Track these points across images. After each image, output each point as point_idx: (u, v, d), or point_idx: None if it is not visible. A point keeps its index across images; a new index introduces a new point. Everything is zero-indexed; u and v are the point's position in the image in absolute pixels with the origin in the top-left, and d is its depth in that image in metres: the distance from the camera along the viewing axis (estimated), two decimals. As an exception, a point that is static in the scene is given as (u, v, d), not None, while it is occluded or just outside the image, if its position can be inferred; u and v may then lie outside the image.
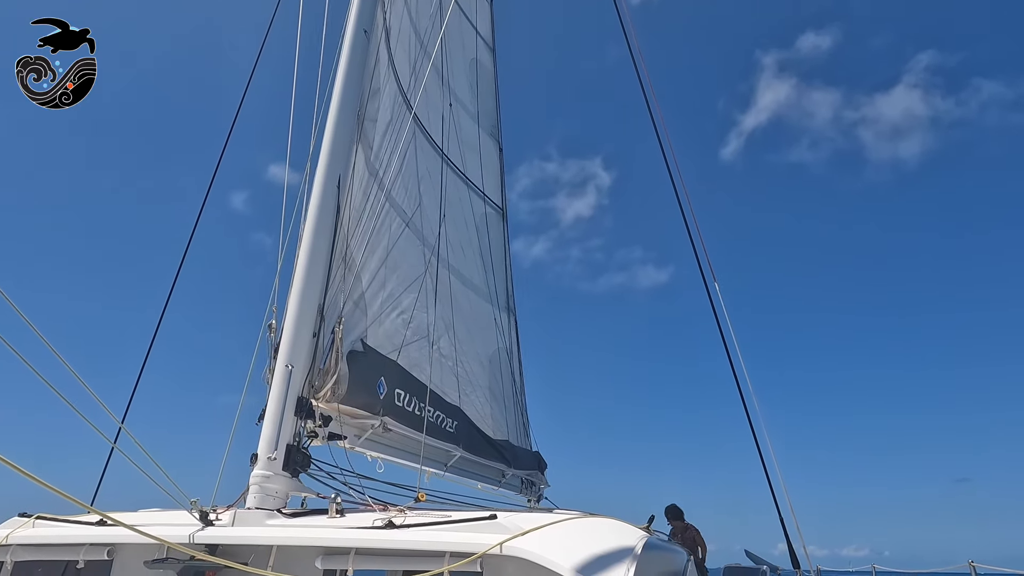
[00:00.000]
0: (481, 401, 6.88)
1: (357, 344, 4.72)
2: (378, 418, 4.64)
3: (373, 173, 5.29)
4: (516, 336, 8.28)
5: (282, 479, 3.82)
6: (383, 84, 5.58)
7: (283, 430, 3.89)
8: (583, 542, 2.96)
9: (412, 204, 5.98)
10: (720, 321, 4.81)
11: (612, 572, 2.69)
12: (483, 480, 6.69)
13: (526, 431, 8.02)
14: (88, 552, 3.46)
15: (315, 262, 4.38)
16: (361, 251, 4.97)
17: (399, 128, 5.73)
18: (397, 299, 5.45)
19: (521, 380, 8.14)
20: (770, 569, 7.88)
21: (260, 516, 3.55)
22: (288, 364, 4.04)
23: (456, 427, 5.89)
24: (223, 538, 3.29)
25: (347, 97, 4.98)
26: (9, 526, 3.66)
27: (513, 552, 2.78)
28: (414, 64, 6.26)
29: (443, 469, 5.78)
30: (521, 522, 3.05)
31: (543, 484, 7.95)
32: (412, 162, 6.07)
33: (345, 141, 4.87)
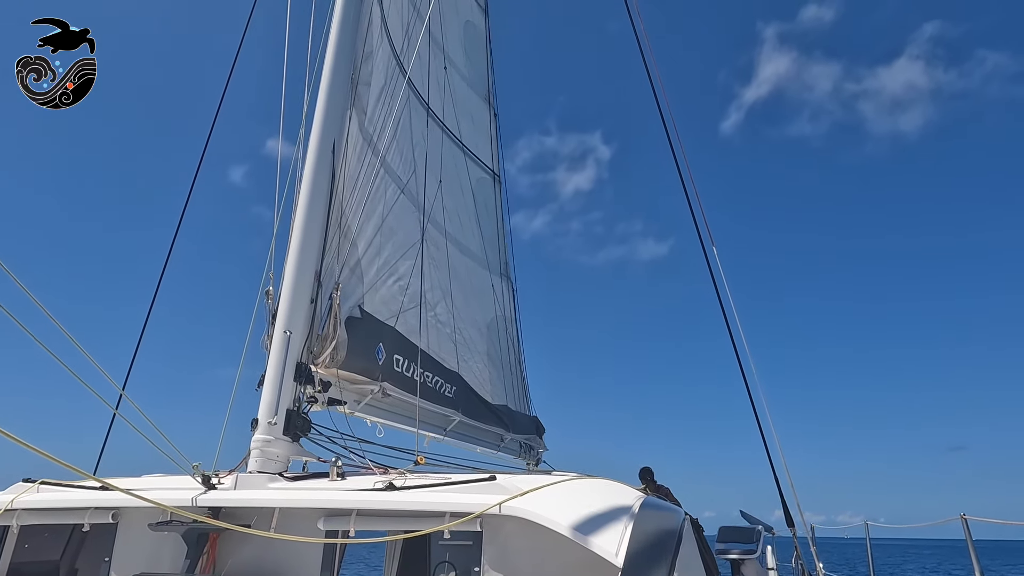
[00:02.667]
0: (479, 367, 6.91)
1: (355, 310, 4.72)
2: (377, 383, 4.67)
3: (367, 138, 5.22)
4: (514, 302, 8.29)
5: (283, 443, 3.86)
6: (376, 47, 5.48)
7: (283, 395, 3.91)
8: (581, 502, 3.00)
9: (407, 170, 5.93)
10: (717, 284, 4.82)
11: (610, 530, 2.74)
12: (482, 444, 6.77)
13: (525, 396, 8.09)
14: (93, 515, 3.50)
15: (311, 228, 4.35)
16: (357, 217, 4.94)
17: (393, 92, 5.64)
18: (393, 266, 5.43)
19: (519, 346, 8.17)
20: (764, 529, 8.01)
21: (262, 480, 3.58)
22: (286, 330, 4.05)
23: (455, 392, 5.93)
24: (226, 501, 3.33)
25: (340, 60, 4.89)
26: (14, 491, 3.70)
27: (512, 512, 2.82)
28: (407, 26, 6.14)
29: (442, 433, 5.84)
30: (520, 483, 3.09)
31: (541, 448, 8.04)
32: (407, 127, 6.00)
33: (339, 106, 4.80)
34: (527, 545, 2.89)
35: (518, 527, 2.86)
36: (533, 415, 8.05)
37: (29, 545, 3.72)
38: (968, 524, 5.53)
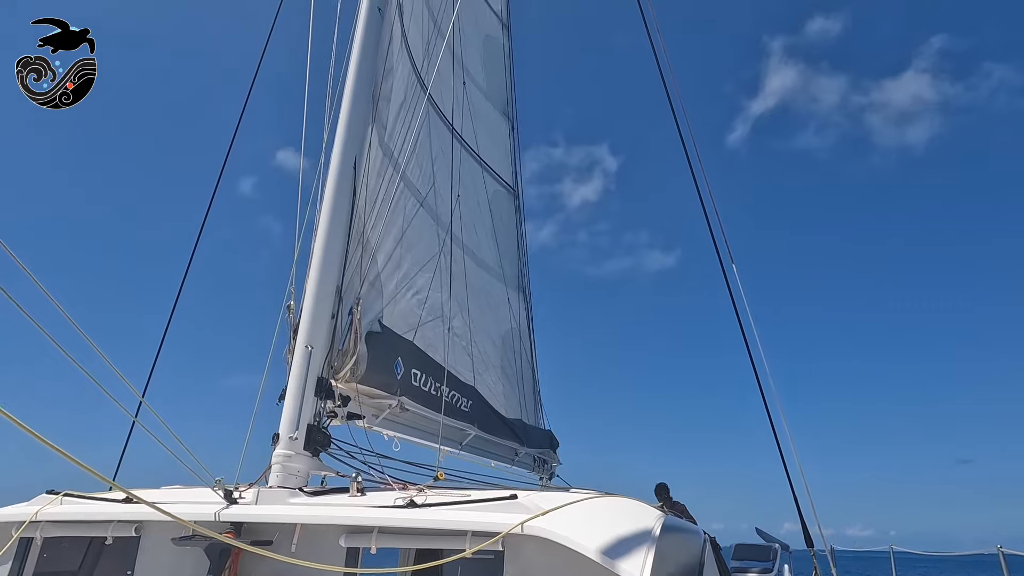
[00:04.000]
0: (494, 380, 6.91)
1: (374, 324, 4.74)
2: (396, 398, 4.68)
3: (387, 153, 5.26)
4: (528, 316, 8.28)
5: (303, 458, 3.88)
6: (396, 63, 5.53)
7: (304, 410, 3.93)
8: (604, 522, 3.00)
9: (426, 184, 5.96)
10: (736, 303, 4.80)
11: (633, 552, 2.73)
12: (496, 458, 6.75)
13: (539, 410, 8.07)
14: (116, 528, 3.53)
15: (333, 243, 4.39)
16: (377, 232, 4.97)
17: (413, 107, 5.69)
18: (412, 279, 5.46)
19: (534, 360, 8.17)
20: (781, 547, 7.94)
21: (283, 494, 3.60)
22: (308, 345, 4.07)
23: (471, 406, 5.93)
24: (248, 516, 3.35)
25: (362, 77, 4.94)
26: (37, 503, 3.73)
27: (534, 532, 2.81)
28: (427, 41, 6.19)
29: (458, 448, 5.83)
30: (541, 502, 3.09)
31: (555, 462, 8.01)
32: (426, 141, 6.04)
33: (360, 121, 4.85)
34: (548, 564, 2.88)
35: (540, 547, 2.85)
36: (547, 429, 8.02)
37: (51, 557, 3.74)
38: (1004, 556, 5.44)
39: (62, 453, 1.90)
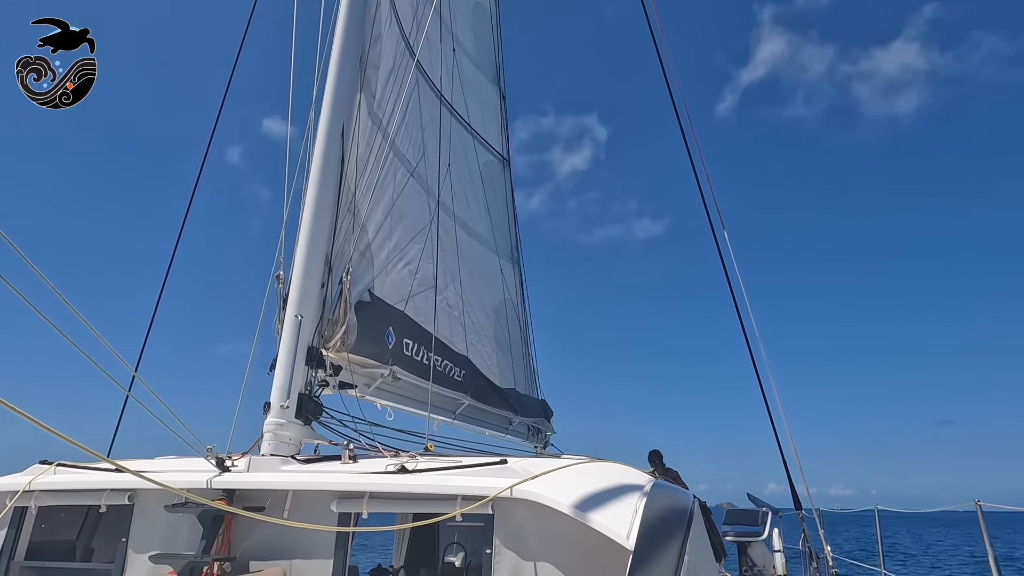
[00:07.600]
0: (488, 350, 6.93)
1: (365, 294, 4.73)
2: (387, 367, 4.69)
3: (376, 122, 5.20)
4: (522, 286, 8.29)
5: (295, 427, 3.89)
6: (384, 29, 5.43)
7: (295, 379, 3.94)
8: (592, 485, 3.03)
9: (416, 153, 5.91)
10: (728, 269, 4.81)
11: (621, 513, 2.76)
12: (490, 427, 6.80)
13: (533, 379, 8.11)
14: (110, 497, 3.55)
15: (321, 212, 4.35)
16: (366, 201, 4.93)
17: (402, 75, 5.61)
18: (403, 249, 5.44)
19: (528, 329, 8.19)
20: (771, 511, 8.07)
21: (275, 462, 3.62)
22: (297, 314, 4.06)
23: (464, 376, 5.96)
24: (240, 483, 3.37)
25: (348, 44, 4.85)
26: (31, 473, 3.75)
27: (523, 495, 2.85)
28: (416, 8, 6.09)
29: (452, 417, 5.87)
30: (530, 466, 3.12)
31: (549, 431, 8.08)
32: (415, 110, 5.97)
33: (348, 89, 4.77)
34: (538, 528, 2.92)
35: (529, 510, 2.89)
36: (541, 398, 8.08)
37: (46, 526, 3.78)
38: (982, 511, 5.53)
39: (49, 429, 1.90)
